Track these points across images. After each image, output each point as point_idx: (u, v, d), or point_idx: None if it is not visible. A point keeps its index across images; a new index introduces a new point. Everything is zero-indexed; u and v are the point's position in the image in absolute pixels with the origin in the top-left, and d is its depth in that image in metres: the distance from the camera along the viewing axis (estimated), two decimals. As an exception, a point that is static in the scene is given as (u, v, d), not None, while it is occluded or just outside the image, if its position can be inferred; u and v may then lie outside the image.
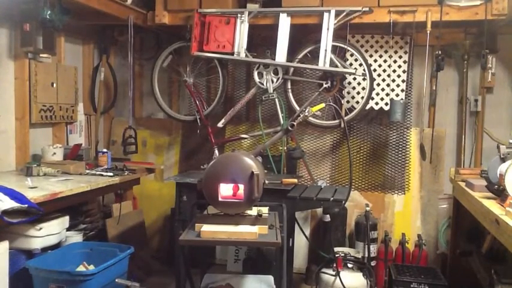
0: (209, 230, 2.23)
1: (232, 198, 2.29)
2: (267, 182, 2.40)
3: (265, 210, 2.41)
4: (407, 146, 4.25)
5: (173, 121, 4.69)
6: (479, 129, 4.13)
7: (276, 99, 4.00)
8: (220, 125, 4.18)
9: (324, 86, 3.96)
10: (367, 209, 4.02)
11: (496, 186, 2.59)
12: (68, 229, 3.24)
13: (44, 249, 3.00)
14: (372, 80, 3.92)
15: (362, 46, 4.12)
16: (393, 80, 4.06)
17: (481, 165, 4.02)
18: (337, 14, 3.70)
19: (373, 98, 4.07)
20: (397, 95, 4.05)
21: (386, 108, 4.05)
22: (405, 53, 4.06)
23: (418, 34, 3.99)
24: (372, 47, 4.12)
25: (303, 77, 4.27)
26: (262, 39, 4.33)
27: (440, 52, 3.76)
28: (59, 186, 3.01)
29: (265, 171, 3.03)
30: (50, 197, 2.79)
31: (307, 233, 4.23)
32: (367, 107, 4.04)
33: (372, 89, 3.93)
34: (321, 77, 4.03)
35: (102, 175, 3.55)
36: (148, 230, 4.72)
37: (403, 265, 3.88)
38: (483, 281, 2.95)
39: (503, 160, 2.66)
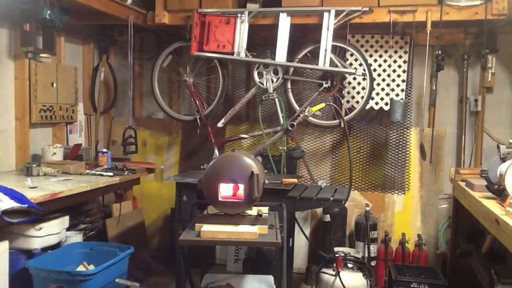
0: (209, 230, 2.22)
1: (232, 198, 2.29)
2: (267, 182, 2.40)
3: (265, 210, 2.41)
4: (407, 146, 4.25)
5: (173, 121, 4.69)
6: (479, 129, 4.13)
7: (276, 99, 4.00)
8: (220, 125, 4.19)
9: (324, 85, 3.96)
10: (367, 209, 4.02)
11: (496, 186, 2.59)
12: (68, 229, 3.25)
13: (44, 249, 3.00)
14: (372, 79, 3.92)
15: (362, 46, 4.12)
16: (393, 80, 4.06)
17: (481, 165, 4.02)
18: (337, 13, 3.70)
19: (373, 98, 4.07)
20: (397, 95, 4.05)
21: (386, 108, 4.05)
22: (405, 52, 4.06)
23: (418, 34, 3.99)
24: (372, 46, 4.12)
25: (303, 76, 4.27)
26: (262, 39, 4.33)
27: (440, 52, 3.76)
28: (59, 186, 3.01)
29: (265, 171, 3.02)
30: (50, 197, 2.79)
31: (307, 233, 4.23)
32: (367, 107, 4.04)
33: (371, 88, 3.93)
34: (321, 76, 4.03)
35: (102, 175, 3.56)
36: (148, 230, 4.72)
37: (403, 265, 3.88)
38: (483, 281, 2.95)
39: (503, 160, 2.66)
